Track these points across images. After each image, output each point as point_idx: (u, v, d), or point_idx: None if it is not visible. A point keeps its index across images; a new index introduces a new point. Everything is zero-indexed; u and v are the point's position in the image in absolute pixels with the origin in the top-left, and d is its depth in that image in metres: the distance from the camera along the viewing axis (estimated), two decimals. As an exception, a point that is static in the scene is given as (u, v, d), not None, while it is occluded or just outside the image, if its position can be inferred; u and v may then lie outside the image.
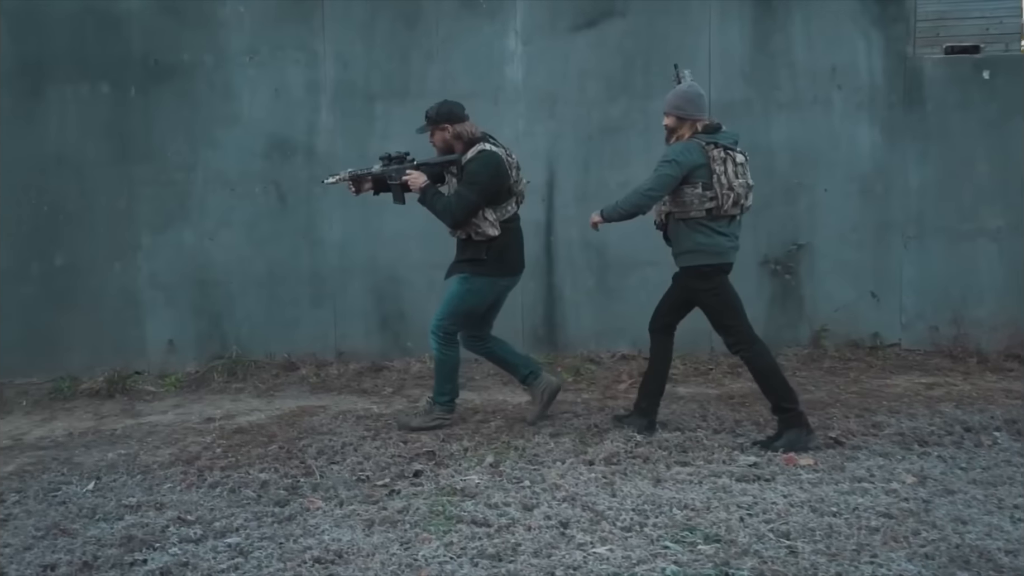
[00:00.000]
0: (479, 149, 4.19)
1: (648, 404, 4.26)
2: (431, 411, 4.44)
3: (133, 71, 5.51)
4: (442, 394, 4.43)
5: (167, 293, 5.65)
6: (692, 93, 3.96)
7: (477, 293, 4.31)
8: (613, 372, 5.52)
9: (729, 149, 3.90)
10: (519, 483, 3.60)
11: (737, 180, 3.88)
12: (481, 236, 4.21)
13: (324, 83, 5.59)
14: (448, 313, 4.32)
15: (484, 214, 4.17)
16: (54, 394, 5.48)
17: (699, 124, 3.92)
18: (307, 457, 4.02)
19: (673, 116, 3.95)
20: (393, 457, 3.99)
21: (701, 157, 3.85)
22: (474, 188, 4.14)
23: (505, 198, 4.25)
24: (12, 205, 5.51)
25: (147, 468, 3.94)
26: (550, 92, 5.63)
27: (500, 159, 4.19)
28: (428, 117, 4.29)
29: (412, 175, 4.28)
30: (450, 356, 4.37)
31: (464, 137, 4.24)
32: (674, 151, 3.89)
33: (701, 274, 4.00)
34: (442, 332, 4.33)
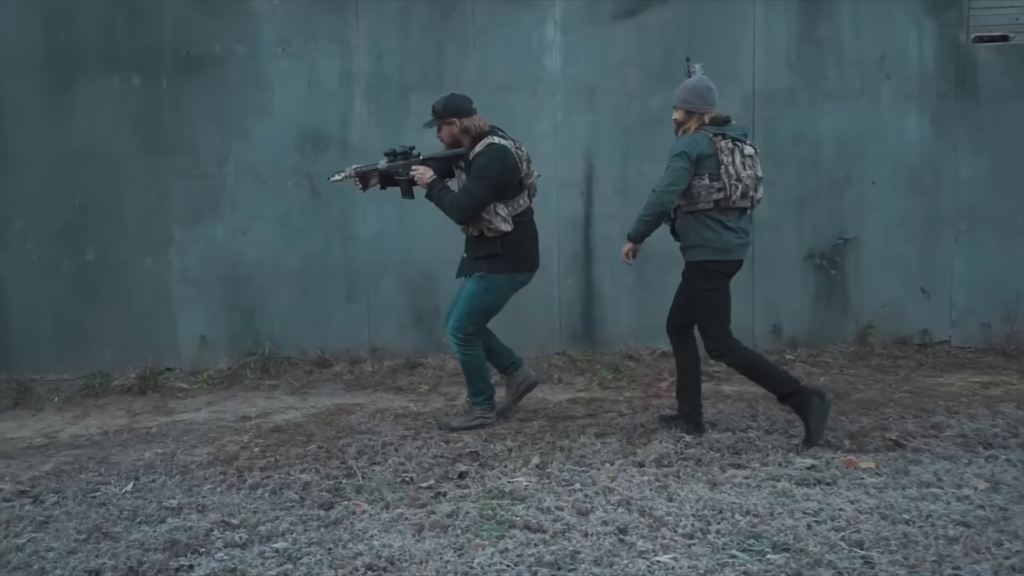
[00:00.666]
0: (487, 143, 4.07)
1: (691, 407, 4.14)
2: (470, 411, 4.34)
3: (164, 63, 5.42)
4: (477, 393, 4.32)
5: (199, 288, 5.57)
6: (701, 87, 3.91)
7: (495, 291, 4.19)
8: (654, 370, 5.39)
9: (737, 140, 3.84)
10: (569, 486, 3.48)
11: (745, 171, 3.81)
12: (494, 232, 4.09)
13: (358, 75, 5.48)
14: (466, 313, 4.20)
15: (496, 209, 4.06)
16: (86, 391, 5.42)
17: (707, 117, 3.88)
18: (347, 457, 3.91)
19: (681, 110, 3.93)
20: (436, 458, 3.88)
21: (708, 148, 3.79)
22: (482, 183, 4.02)
23: (516, 192, 4.13)
24: (43, 199, 5.44)
25: (185, 468, 3.85)
26: (589, 83, 5.49)
27: (509, 152, 4.07)
28: (435, 111, 4.18)
29: (419, 170, 4.17)
30: (474, 355, 4.26)
31: (472, 131, 4.12)
32: (681, 143, 3.84)
33: (705, 272, 3.92)
34: (462, 333, 4.21)
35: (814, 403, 3.79)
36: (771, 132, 5.48)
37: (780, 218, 5.54)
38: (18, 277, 5.46)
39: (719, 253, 3.88)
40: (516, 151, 4.12)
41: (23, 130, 5.39)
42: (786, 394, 3.88)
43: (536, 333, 5.62)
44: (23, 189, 5.43)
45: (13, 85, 5.37)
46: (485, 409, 4.32)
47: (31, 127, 5.40)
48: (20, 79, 5.37)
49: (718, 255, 3.88)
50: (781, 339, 5.60)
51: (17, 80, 5.37)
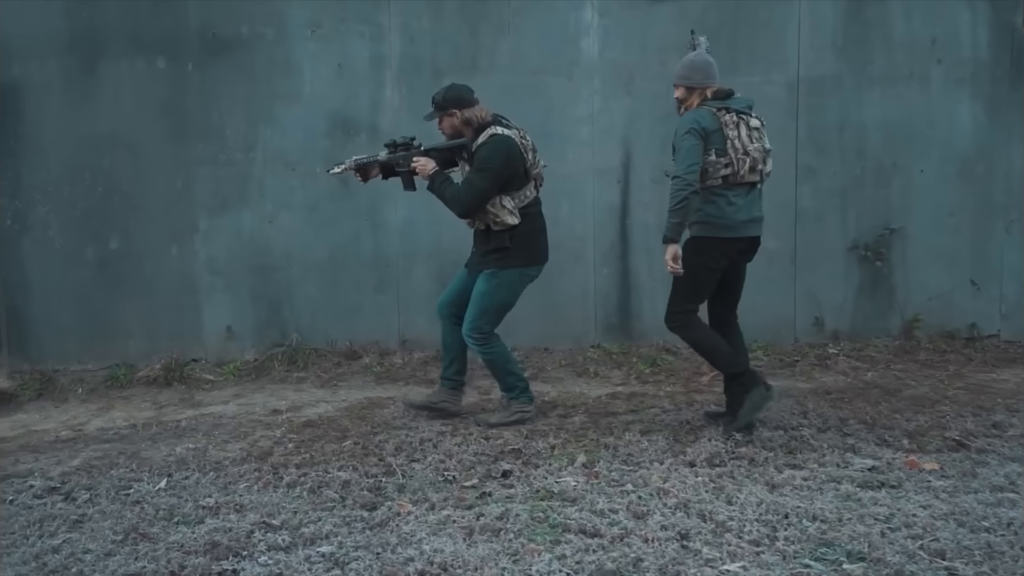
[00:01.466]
0: (490, 133, 3.91)
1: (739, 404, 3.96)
2: (508, 406, 4.20)
3: (190, 45, 5.27)
4: (511, 388, 4.18)
5: (225, 278, 5.44)
6: (699, 61, 3.81)
7: (507, 287, 4.05)
8: (692, 364, 5.23)
9: (742, 113, 3.73)
10: (620, 486, 3.33)
11: (752, 144, 3.70)
12: (500, 225, 3.95)
13: (389, 58, 5.32)
14: (480, 312, 4.05)
15: (502, 202, 3.92)
16: (110, 382, 5.31)
17: (708, 91, 3.76)
18: (385, 454, 3.78)
19: (682, 87, 3.82)
20: (477, 455, 3.74)
21: (713, 122, 3.67)
22: (485, 175, 3.87)
23: (522, 183, 3.98)
24: (66, 186, 5.31)
25: (219, 464, 3.72)
26: (628, 67, 5.31)
27: (512, 143, 3.91)
28: (435, 103, 4.02)
29: (420, 161, 4.02)
30: (496, 352, 4.12)
31: (474, 123, 3.96)
32: (686, 120, 3.71)
33: (699, 245, 3.78)
34: (478, 333, 4.06)
35: (758, 391, 3.80)
36: (816, 119, 5.30)
37: (823, 208, 5.36)
38: (40, 265, 5.34)
39: (718, 230, 3.74)
40: (521, 141, 3.97)
41: (45, 114, 5.26)
42: (735, 375, 3.85)
43: (571, 325, 5.48)
44: (45, 175, 5.30)
45: (36, 68, 5.23)
46: (523, 402, 4.18)
47: (54, 111, 5.26)
48: (42, 62, 5.23)
49: (717, 231, 3.74)
50: (823, 332, 5.43)
51: (39, 63, 5.23)
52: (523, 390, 4.19)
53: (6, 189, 5.30)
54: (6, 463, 3.83)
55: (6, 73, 5.22)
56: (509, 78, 5.29)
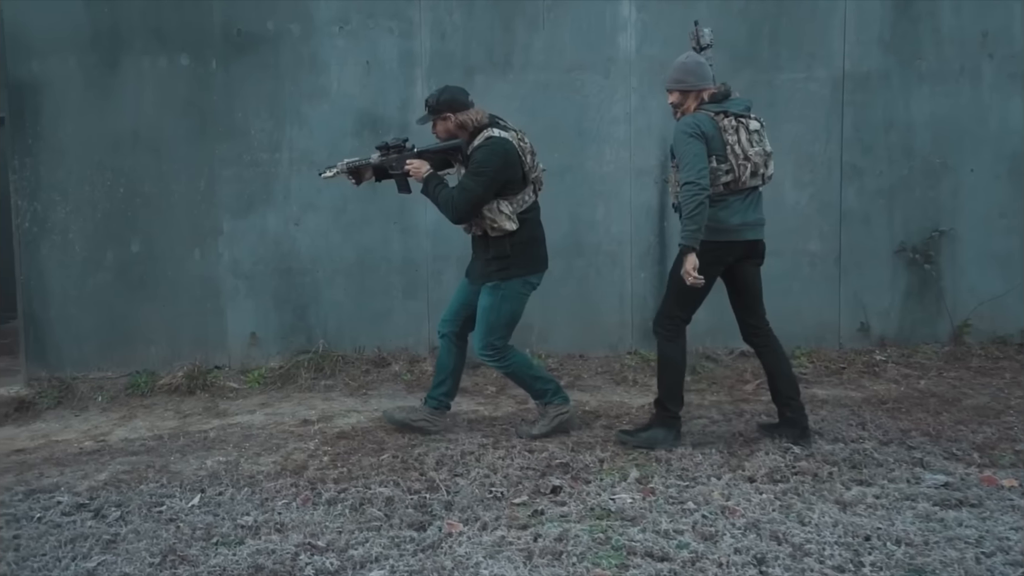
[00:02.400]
0: (486, 136, 3.76)
1: (793, 411, 3.81)
2: (546, 413, 4.02)
3: (214, 42, 5.10)
4: (542, 393, 4.01)
5: (249, 282, 5.26)
6: (691, 63, 3.67)
7: (512, 298, 3.88)
8: (734, 371, 5.06)
9: (741, 117, 3.58)
10: (680, 504, 3.16)
11: (753, 148, 3.56)
12: (498, 231, 3.78)
13: (420, 54, 5.14)
14: (489, 328, 3.89)
15: (499, 207, 3.76)
16: (131, 390, 5.13)
17: (704, 94, 3.62)
18: (426, 468, 3.60)
19: (676, 91, 3.67)
20: (523, 470, 3.57)
21: (711, 127, 3.54)
22: (479, 180, 3.72)
23: (520, 187, 3.81)
24: (86, 187, 5.14)
25: (252, 479, 3.54)
26: (666, 63, 5.02)
27: (509, 146, 3.75)
28: (428, 106, 3.86)
29: (414, 164, 3.89)
30: (514, 362, 3.96)
31: (469, 126, 3.81)
32: (684, 125, 3.55)
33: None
34: (491, 350, 3.91)
35: (669, 434, 3.76)
36: (861, 117, 5.12)
37: (869, 209, 5.18)
38: (59, 269, 5.17)
39: (712, 233, 3.59)
40: (519, 143, 3.80)
41: (65, 113, 5.09)
42: (665, 408, 3.79)
43: (607, 331, 5.30)
44: (65, 175, 5.13)
45: (55, 65, 5.07)
46: (559, 403, 4.01)
47: (73, 110, 5.09)
48: (62, 58, 5.07)
49: (715, 235, 3.60)
50: (869, 338, 5.24)
51: (59, 60, 5.07)
52: (555, 391, 4.02)
53: (24, 190, 5.14)
54: (30, 477, 3.66)
55: (24, 70, 5.06)
56: (544, 75, 5.12)
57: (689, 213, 3.51)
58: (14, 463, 3.89)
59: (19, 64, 5.06)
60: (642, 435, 3.78)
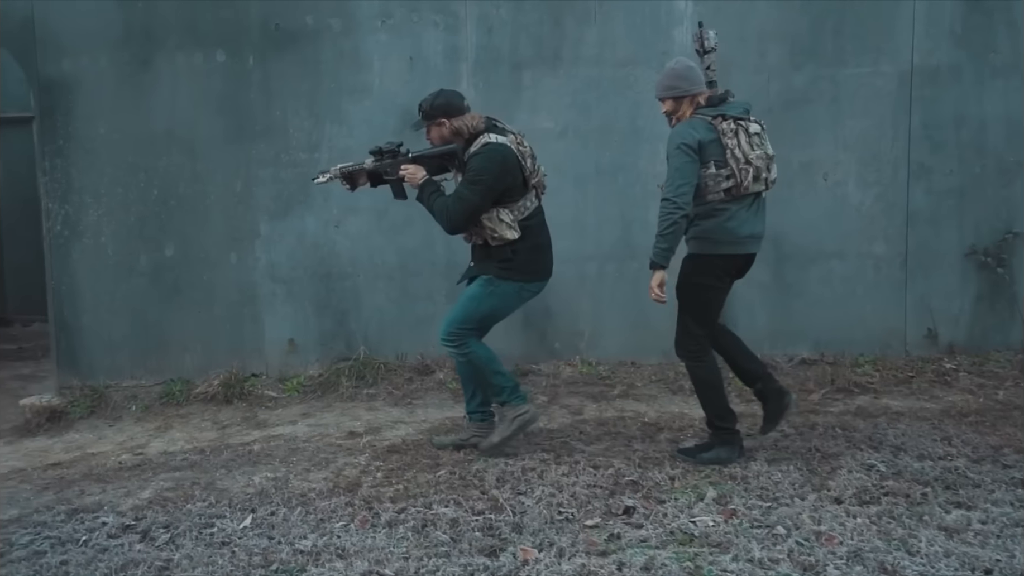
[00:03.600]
0: (483, 142, 3.56)
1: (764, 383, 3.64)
2: (503, 416, 3.75)
3: (251, 38, 4.91)
4: (500, 391, 3.72)
5: (288, 287, 5.07)
6: (680, 68, 3.51)
7: (501, 297, 3.66)
8: (796, 379, 4.82)
9: (740, 120, 3.42)
10: (768, 528, 2.93)
11: (754, 152, 3.39)
12: (499, 240, 3.58)
13: (465, 50, 4.94)
14: (463, 317, 3.66)
15: (499, 215, 3.56)
16: (165, 398, 4.96)
17: (700, 98, 3.46)
18: (487, 486, 3.39)
19: (669, 99, 3.51)
20: (590, 488, 3.35)
21: (708, 132, 3.38)
22: (476, 188, 3.51)
23: (520, 194, 3.61)
24: (119, 188, 4.97)
25: (305, 497, 3.34)
26: (724, 59, 4.76)
27: (507, 152, 3.54)
28: (422, 111, 3.65)
29: (409, 169, 3.69)
30: (476, 352, 3.66)
31: (464, 132, 3.60)
32: (677, 133, 3.41)
33: (699, 264, 3.50)
34: (454, 337, 3.66)
35: (732, 450, 3.57)
36: (930, 113, 4.87)
37: (938, 210, 4.94)
38: (92, 274, 5.00)
39: (722, 247, 3.45)
40: (518, 147, 3.58)
41: (97, 112, 4.92)
42: (720, 428, 3.58)
43: (660, 337, 5.02)
44: (97, 177, 4.96)
45: (87, 63, 4.90)
46: (516, 403, 3.71)
47: (106, 108, 4.92)
48: (94, 56, 4.90)
49: (721, 248, 3.46)
50: (937, 345, 5.00)
51: (91, 57, 4.89)
52: (512, 390, 3.73)
53: (55, 193, 4.96)
54: (71, 495, 3.47)
55: (55, 68, 4.89)
56: (595, 71, 4.91)
57: (663, 231, 3.40)
58: (53, 479, 3.71)
59: (50, 62, 4.89)
60: (704, 456, 3.59)
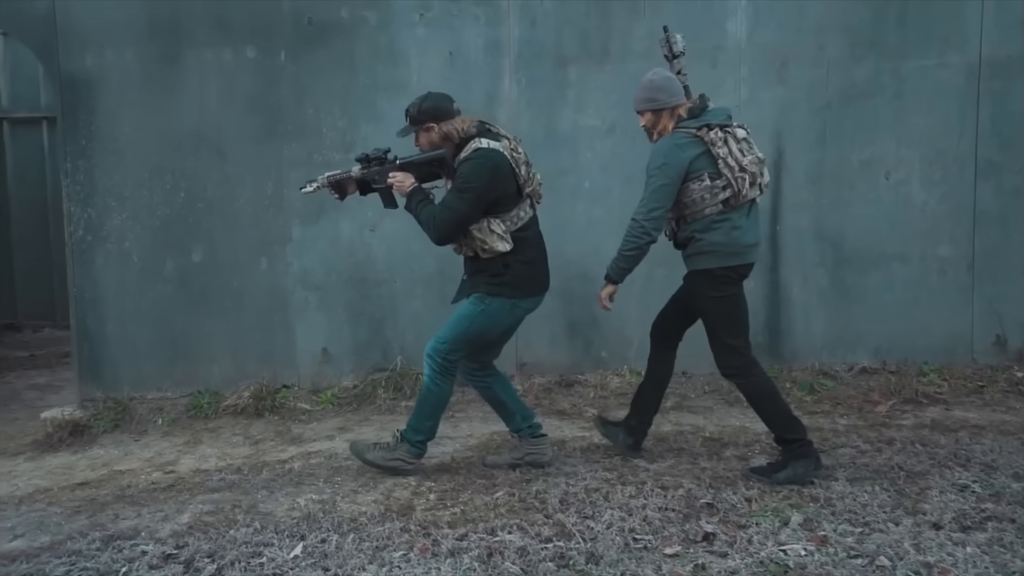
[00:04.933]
0: (474, 148, 3.33)
1: (639, 421, 3.68)
2: (395, 448, 3.54)
3: (283, 32, 4.69)
4: (417, 431, 3.52)
5: (321, 294, 4.84)
6: (658, 79, 3.39)
7: (493, 316, 3.42)
8: (859, 389, 4.59)
9: (725, 127, 3.32)
10: (868, 558, 2.70)
11: (746, 158, 3.29)
12: (490, 253, 3.36)
13: (507, 44, 4.71)
14: (452, 337, 3.43)
15: (490, 226, 3.33)
16: (193, 411, 4.73)
17: (680, 110, 3.35)
18: (551, 509, 3.16)
19: (647, 111, 3.38)
20: (662, 511, 3.12)
21: (695, 146, 3.27)
22: (465, 197, 3.29)
23: (513, 203, 3.38)
24: (144, 191, 4.74)
25: (356, 522, 3.10)
26: (780, 51, 4.66)
27: (500, 159, 3.32)
28: (409, 115, 3.43)
29: (397, 177, 3.48)
30: (442, 389, 3.47)
31: (454, 137, 3.37)
32: (658, 152, 3.29)
33: (712, 277, 3.36)
34: (440, 358, 3.43)
35: (809, 463, 3.34)
36: (1000, 107, 4.63)
37: (1007, 210, 4.69)
38: (115, 280, 4.77)
39: (727, 258, 3.34)
40: (511, 154, 3.35)
41: (122, 110, 4.70)
42: (788, 440, 3.39)
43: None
44: (121, 178, 4.74)
45: (111, 58, 4.68)
46: (413, 453, 3.53)
47: (131, 107, 4.70)
48: (119, 51, 4.68)
49: (725, 260, 3.34)
50: (1006, 352, 4.74)
51: (116, 53, 4.68)
52: (421, 443, 3.54)
53: (78, 195, 4.74)
54: (105, 519, 3.23)
55: (78, 65, 4.67)
56: (645, 65, 4.56)
57: (626, 251, 3.37)
58: (83, 501, 3.47)
59: (73, 58, 4.67)
60: (780, 476, 3.36)
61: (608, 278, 3.45)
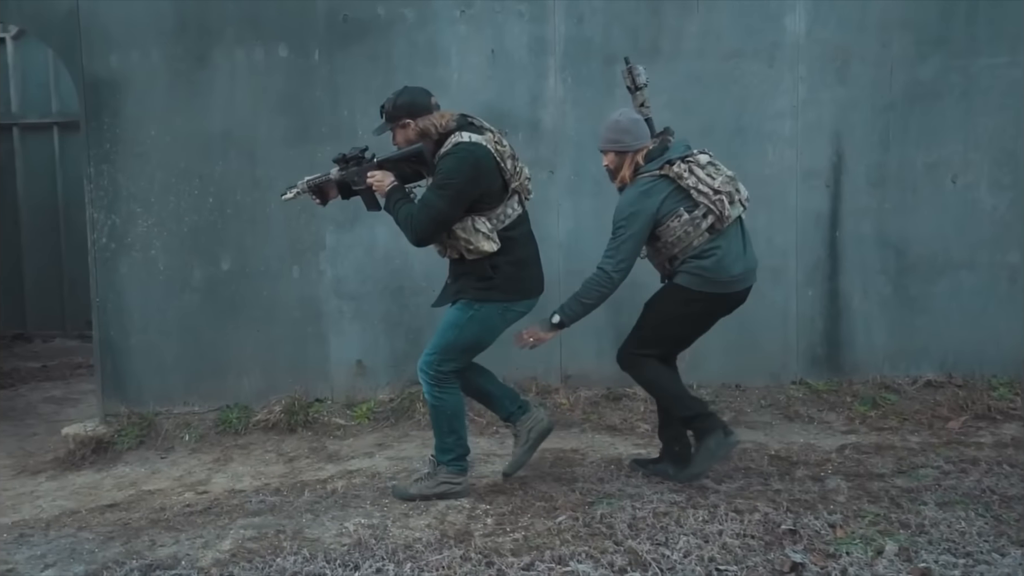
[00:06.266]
0: (454, 142, 3.13)
1: (681, 446, 3.46)
2: (435, 474, 3.35)
3: (317, 30, 4.49)
4: (446, 451, 3.31)
5: (355, 303, 4.62)
6: (625, 120, 3.32)
7: (483, 322, 3.22)
8: (925, 404, 4.34)
9: (686, 158, 3.27)
10: (983, 595, 2.45)
11: (716, 180, 3.23)
12: (475, 254, 3.16)
13: (552, 42, 4.49)
14: (443, 347, 3.24)
15: (474, 225, 3.13)
16: (221, 427, 4.51)
17: (640, 156, 3.28)
18: (620, 535, 2.92)
19: (611, 152, 3.32)
20: (740, 538, 2.87)
21: (662, 187, 3.22)
22: (444, 193, 3.09)
23: (499, 200, 3.18)
24: (171, 196, 4.54)
25: (411, 550, 2.86)
26: (841, 48, 4.44)
27: (482, 153, 3.12)
28: (384, 112, 3.26)
29: (376, 176, 3.28)
30: (446, 402, 3.27)
31: (432, 133, 3.18)
32: (625, 202, 3.26)
33: (684, 293, 3.28)
34: (433, 371, 3.23)
35: (718, 429, 3.31)
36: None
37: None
38: (140, 290, 4.56)
39: (710, 285, 3.26)
40: (496, 148, 3.15)
41: (148, 112, 4.50)
42: (690, 417, 3.36)
43: (767, 357, 4.60)
44: (147, 183, 4.53)
45: (137, 58, 4.48)
46: (454, 472, 3.32)
47: (157, 109, 4.50)
48: (145, 51, 4.49)
49: (708, 287, 3.26)
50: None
51: (141, 52, 4.48)
52: (459, 457, 3.33)
53: (101, 201, 4.53)
54: (141, 546, 2.99)
55: (102, 65, 4.48)
56: (697, 64, 4.45)
57: (585, 299, 3.29)
58: (116, 526, 3.24)
59: (97, 58, 4.48)
60: (698, 458, 3.33)
61: (564, 319, 3.29)
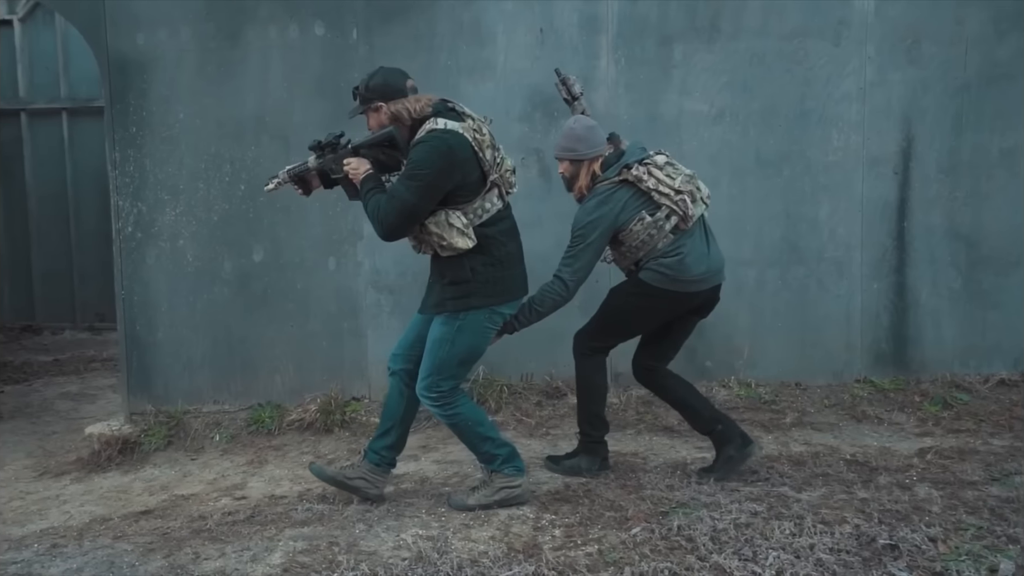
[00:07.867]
0: (428, 129, 2.93)
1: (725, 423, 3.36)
2: (491, 481, 3.14)
3: (355, 7, 4.26)
4: (490, 459, 3.13)
5: (394, 297, 4.39)
6: (580, 129, 3.27)
7: (472, 331, 3.06)
8: (1000, 404, 4.13)
9: (643, 161, 3.23)
10: (1122, 619, 2.21)
11: (676, 181, 3.20)
12: (449, 251, 2.95)
13: (605, 20, 4.25)
14: (437, 366, 3.04)
15: (448, 219, 2.92)
16: (254, 426, 4.29)
17: (596, 165, 3.25)
18: (703, 550, 2.70)
19: (567, 160, 3.28)
20: (836, 553, 2.67)
21: (622, 193, 3.19)
22: (413, 185, 2.88)
23: (475, 193, 2.96)
24: (201, 183, 4.30)
25: (478, 565, 2.66)
26: (912, 27, 4.20)
27: (457, 141, 2.90)
28: (357, 94, 3.08)
29: (351, 163, 3.08)
30: (463, 414, 3.11)
31: (405, 118, 2.98)
32: (584, 211, 3.23)
33: (648, 291, 3.25)
34: (435, 392, 3.06)
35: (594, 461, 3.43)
36: None
37: None
38: (168, 282, 4.33)
39: (671, 283, 3.21)
40: (475, 136, 2.92)
41: (176, 95, 4.26)
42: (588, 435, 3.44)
43: (829, 353, 4.37)
44: (175, 170, 4.30)
45: (165, 38, 4.24)
46: (510, 475, 3.13)
47: (186, 91, 4.26)
48: (173, 30, 4.24)
49: (669, 284, 3.22)
50: None
51: (170, 31, 4.24)
52: (506, 459, 3.13)
53: (127, 188, 4.30)
54: (185, 559, 2.77)
55: (129, 45, 4.24)
56: (758, 44, 4.22)
57: (542, 306, 3.28)
58: (154, 536, 3.01)
59: (122, 38, 4.24)
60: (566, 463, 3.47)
61: (515, 326, 3.25)
